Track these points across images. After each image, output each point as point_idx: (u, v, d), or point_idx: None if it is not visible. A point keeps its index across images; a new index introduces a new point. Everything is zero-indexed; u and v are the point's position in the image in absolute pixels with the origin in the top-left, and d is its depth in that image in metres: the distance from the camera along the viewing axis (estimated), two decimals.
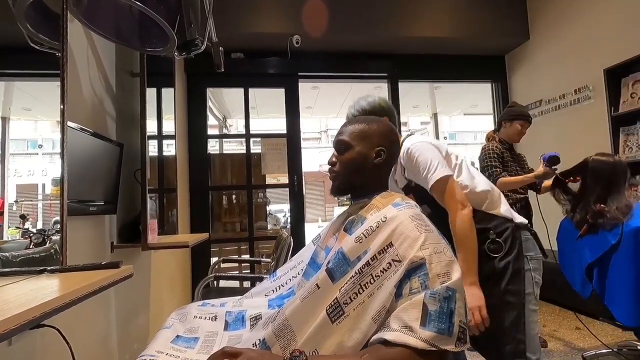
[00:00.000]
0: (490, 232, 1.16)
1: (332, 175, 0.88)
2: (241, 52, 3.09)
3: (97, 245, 1.48)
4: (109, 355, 1.52)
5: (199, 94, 3.09)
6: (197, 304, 0.98)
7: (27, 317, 0.57)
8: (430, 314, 0.60)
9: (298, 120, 3.21)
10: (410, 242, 0.67)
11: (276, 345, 0.69)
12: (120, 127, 1.73)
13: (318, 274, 0.73)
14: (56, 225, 3.36)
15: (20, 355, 1.02)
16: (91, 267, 0.94)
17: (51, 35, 1.36)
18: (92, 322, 1.40)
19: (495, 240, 1.15)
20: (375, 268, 0.67)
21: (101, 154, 1.43)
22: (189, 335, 0.84)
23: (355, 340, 0.64)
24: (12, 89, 1.58)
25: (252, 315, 0.88)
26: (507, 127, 2.25)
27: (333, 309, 0.67)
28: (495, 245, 1.15)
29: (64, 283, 0.80)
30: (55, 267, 0.92)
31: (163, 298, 2.24)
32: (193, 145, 3.02)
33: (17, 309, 0.56)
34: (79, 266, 0.94)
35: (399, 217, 0.71)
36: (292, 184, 3.13)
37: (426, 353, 0.58)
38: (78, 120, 1.32)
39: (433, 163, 1.14)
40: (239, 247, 3.36)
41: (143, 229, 1.58)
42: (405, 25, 3.04)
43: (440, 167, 1.13)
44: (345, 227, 0.84)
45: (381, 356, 0.59)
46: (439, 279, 0.63)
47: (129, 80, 1.87)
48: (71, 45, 1.34)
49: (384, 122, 0.90)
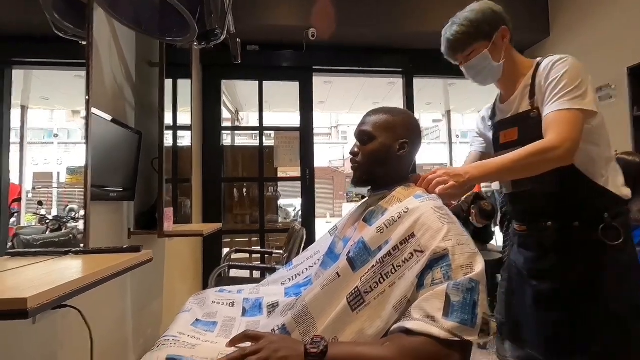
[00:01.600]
0: (605, 213, 0.89)
1: (354, 165, 0.88)
2: (256, 44, 3.10)
3: (116, 230, 1.51)
4: (124, 339, 1.56)
5: (213, 85, 3.10)
6: (214, 290, 1.00)
7: (57, 293, 0.58)
8: (453, 305, 0.60)
9: (311, 115, 3.21)
10: (433, 233, 0.67)
11: (296, 331, 0.70)
12: (138, 116, 1.75)
13: (338, 263, 0.73)
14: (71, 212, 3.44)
15: (42, 333, 1.05)
16: (113, 250, 0.96)
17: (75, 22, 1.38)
18: (110, 306, 1.43)
19: (612, 226, 0.88)
20: (397, 258, 0.67)
21: (121, 141, 1.45)
22: (207, 319, 0.85)
23: (376, 328, 0.65)
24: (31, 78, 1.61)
25: (269, 302, 0.89)
26: None
27: (354, 297, 0.67)
28: (613, 232, 0.88)
29: (88, 264, 0.82)
30: (79, 249, 0.95)
31: (175, 286, 2.28)
32: (207, 137, 3.04)
33: (47, 285, 0.58)
34: (102, 249, 0.96)
35: (421, 208, 0.71)
36: (304, 178, 3.14)
37: (449, 343, 0.58)
38: (100, 107, 1.34)
39: (583, 88, 0.87)
40: (249, 238, 3.39)
41: (159, 216, 1.60)
42: (422, 20, 3.00)
43: (590, 97, 0.87)
44: (364, 217, 0.84)
45: (403, 345, 0.59)
46: (462, 270, 0.63)
47: (147, 70, 1.89)
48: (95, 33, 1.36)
49: (408, 113, 0.90)
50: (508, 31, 1.00)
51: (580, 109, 0.86)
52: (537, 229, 0.99)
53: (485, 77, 1.03)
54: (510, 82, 1.03)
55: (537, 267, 0.97)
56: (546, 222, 0.95)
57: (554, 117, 0.87)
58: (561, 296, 0.92)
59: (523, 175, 0.96)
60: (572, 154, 0.85)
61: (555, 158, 0.84)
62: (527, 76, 0.99)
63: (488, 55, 0.98)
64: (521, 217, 1.05)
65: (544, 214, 0.97)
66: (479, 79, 1.05)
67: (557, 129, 0.85)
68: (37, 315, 0.53)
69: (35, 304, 0.53)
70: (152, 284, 1.89)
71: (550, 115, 0.88)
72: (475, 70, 1.02)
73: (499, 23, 0.99)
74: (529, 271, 0.99)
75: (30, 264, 0.80)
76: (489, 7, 1.00)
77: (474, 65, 1.01)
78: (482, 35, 0.98)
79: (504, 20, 1.01)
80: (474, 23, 0.98)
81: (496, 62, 0.99)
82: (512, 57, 1.02)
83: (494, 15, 0.99)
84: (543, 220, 0.96)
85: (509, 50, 1.01)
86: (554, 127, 0.86)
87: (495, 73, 1.01)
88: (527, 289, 0.99)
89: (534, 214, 1.00)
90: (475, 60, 1.00)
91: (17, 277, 0.68)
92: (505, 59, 1.00)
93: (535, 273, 0.97)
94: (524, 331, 1.01)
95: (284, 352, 0.61)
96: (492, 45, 0.98)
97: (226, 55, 2.54)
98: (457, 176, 0.84)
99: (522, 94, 1.00)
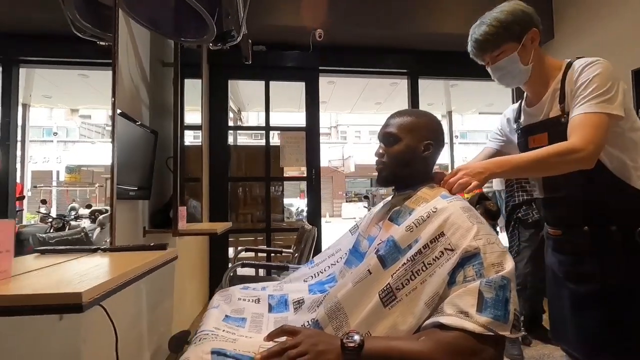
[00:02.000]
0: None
1: (380, 166, 0.90)
2: (263, 44, 3.11)
3: (132, 229, 1.53)
4: (139, 337, 1.58)
5: (220, 85, 3.12)
6: (238, 287, 1.02)
7: (106, 288, 0.60)
8: (486, 301, 0.62)
9: (317, 114, 3.23)
10: (463, 232, 0.69)
11: (329, 327, 0.72)
12: (152, 116, 1.77)
13: (368, 260, 0.75)
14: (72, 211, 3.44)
15: (67, 330, 1.07)
16: (140, 247, 0.98)
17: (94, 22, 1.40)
18: (127, 304, 1.45)
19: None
20: (427, 256, 0.69)
21: (139, 140, 1.47)
22: (236, 315, 0.87)
23: (409, 324, 0.67)
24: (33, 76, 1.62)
25: (295, 299, 0.91)
26: None
27: (385, 293, 0.69)
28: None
29: (123, 261, 0.84)
30: (107, 247, 0.96)
31: (185, 284, 2.29)
32: (213, 136, 3.06)
33: (95, 280, 0.60)
34: (129, 246, 0.98)
35: (449, 208, 0.73)
36: (309, 177, 3.16)
37: (483, 338, 0.60)
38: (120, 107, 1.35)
39: (613, 91, 0.87)
40: (255, 238, 3.41)
41: (174, 215, 1.62)
42: (428, 21, 3.02)
43: (619, 101, 0.87)
44: (390, 217, 0.86)
45: (438, 339, 0.62)
46: (493, 268, 0.65)
47: (161, 70, 1.90)
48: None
49: (431, 115, 0.92)
50: (538, 33, 0.98)
51: (606, 113, 0.85)
52: (573, 234, 0.99)
53: (512, 80, 1.02)
54: (538, 85, 1.01)
55: (574, 270, 0.97)
56: (582, 227, 0.95)
57: (580, 120, 0.87)
58: (601, 299, 0.92)
59: (542, 174, 0.98)
60: (594, 157, 0.85)
61: (576, 160, 0.84)
62: (556, 79, 0.97)
63: (517, 58, 0.97)
64: (556, 221, 1.05)
65: (579, 219, 0.96)
66: (505, 81, 1.03)
67: (582, 132, 0.85)
68: (89, 309, 0.55)
69: (88, 298, 0.55)
70: (164, 282, 1.91)
71: (576, 117, 0.88)
72: (502, 72, 1.01)
73: (529, 25, 0.97)
74: (566, 274, 1.00)
75: (64, 261, 0.82)
76: (520, 7, 0.98)
77: (501, 66, 0.99)
78: (511, 37, 0.96)
79: (535, 21, 0.98)
80: (503, 24, 0.96)
81: (524, 65, 0.98)
82: (541, 59, 1.00)
83: (525, 17, 0.97)
84: (579, 224, 0.96)
85: (538, 52, 0.99)
86: (578, 130, 0.86)
87: (523, 76, 1.00)
88: (564, 291, 1.00)
89: (570, 218, 0.99)
90: (504, 61, 0.98)
91: (59, 273, 0.69)
92: (533, 61, 0.98)
93: (573, 276, 0.98)
94: (561, 331, 1.03)
95: (322, 346, 0.63)
96: (521, 47, 0.96)
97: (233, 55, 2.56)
98: (477, 174, 0.86)
99: (551, 98, 0.98)
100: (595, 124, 0.85)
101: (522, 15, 0.97)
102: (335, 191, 18.87)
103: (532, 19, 0.98)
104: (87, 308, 0.54)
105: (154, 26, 1.51)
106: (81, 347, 1.12)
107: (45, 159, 3.15)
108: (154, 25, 1.51)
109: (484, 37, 0.98)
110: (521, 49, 0.97)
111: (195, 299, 2.60)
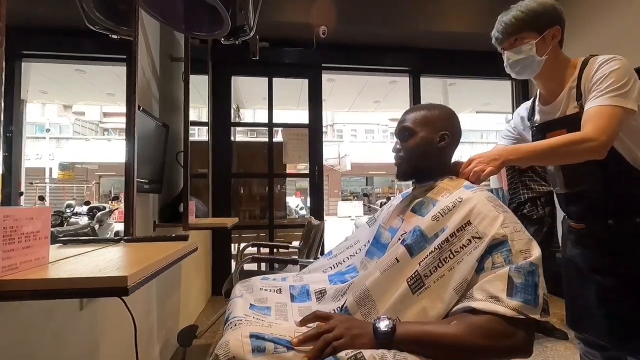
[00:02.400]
0: None
1: (398, 161, 0.92)
2: (266, 41, 3.11)
3: (143, 222, 1.53)
4: (150, 330, 1.58)
5: (224, 81, 3.11)
6: (258, 278, 1.03)
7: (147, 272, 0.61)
8: (516, 286, 0.64)
9: (320, 111, 3.24)
10: (490, 220, 0.71)
11: (357, 313, 0.74)
12: (161, 110, 1.77)
13: (395, 249, 0.77)
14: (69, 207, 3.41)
15: (87, 319, 1.07)
16: (162, 238, 0.98)
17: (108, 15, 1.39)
18: (139, 297, 1.45)
19: None
20: (455, 244, 0.71)
21: (152, 133, 1.47)
22: (260, 304, 0.88)
23: (438, 310, 0.69)
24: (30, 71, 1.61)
25: (317, 289, 0.92)
26: None
27: (414, 280, 0.71)
28: None
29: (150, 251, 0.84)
30: (130, 237, 0.97)
31: (191, 280, 2.30)
32: (217, 133, 3.05)
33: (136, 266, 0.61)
34: (152, 237, 0.98)
35: (474, 198, 0.75)
36: (312, 174, 3.17)
37: (514, 321, 0.62)
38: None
39: (629, 86, 0.89)
40: (257, 234, 3.42)
41: (185, 209, 1.62)
42: (431, 19, 3.05)
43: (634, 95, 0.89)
44: (412, 208, 0.87)
45: (470, 323, 0.63)
46: (521, 254, 0.67)
47: (169, 65, 1.90)
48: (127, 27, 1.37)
49: (445, 106, 0.93)
50: (560, 32, 1.00)
51: (621, 106, 0.87)
52: (596, 227, 1.00)
53: (524, 68, 1.03)
54: (552, 82, 1.03)
55: (600, 263, 0.99)
56: (606, 221, 0.97)
57: (594, 111, 0.89)
58: (629, 289, 0.93)
59: (555, 162, 1.02)
60: (606, 147, 0.87)
61: (589, 149, 0.86)
62: (572, 77, 0.99)
63: (533, 46, 0.98)
64: (579, 215, 1.06)
65: (603, 212, 0.98)
66: (517, 69, 1.04)
67: (595, 123, 0.87)
68: (134, 291, 0.56)
69: (133, 282, 0.56)
70: (171, 276, 1.91)
71: (590, 109, 0.90)
72: (516, 58, 1.02)
73: (555, 21, 0.99)
74: (591, 267, 1.01)
75: (91, 250, 0.82)
76: (552, 3, 1.00)
77: (517, 51, 1.01)
78: (535, 26, 0.99)
79: (561, 20, 1.00)
80: (532, 12, 0.98)
81: (538, 56, 0.99)
82: (558, 58, 1.02)
83: (553, 12, 0.99)
84: (602, 218, 0.98)
85: (556, 50, 1.01)
86: (592, 121, 0.88)
87: (535, 67, 1.01)
88: (588, 283, 1.01)
89: (594, 212, 1.01)
90: (520, 48, 1.00)
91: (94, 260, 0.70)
92: (548, 56, 0.99)
93: (598, 268, 0.99)
94: (584, 321, 1.05)
95: (356, 330, 0.65)
96: (541, 39, 0.98)
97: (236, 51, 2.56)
98: (492, 161, 0.88)
99: (568, 95, 1.00)
100: (609, 116, 0.87)
101: (552, 10, 0.99)
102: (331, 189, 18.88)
103: (560, 17, 1.00)
104: (132, 291, 0.55)
105: (167, 20, 1.51)
106: (99, 339, 1.12)
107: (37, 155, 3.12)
108: (166, 19, 1.51)
109: (510, 21, 1.00)
110: (540, 40, 0.99)
111: (200, 295, 2.61)
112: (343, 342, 0.63)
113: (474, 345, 0.62)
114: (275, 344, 0.61)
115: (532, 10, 0.99)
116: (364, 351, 0.61)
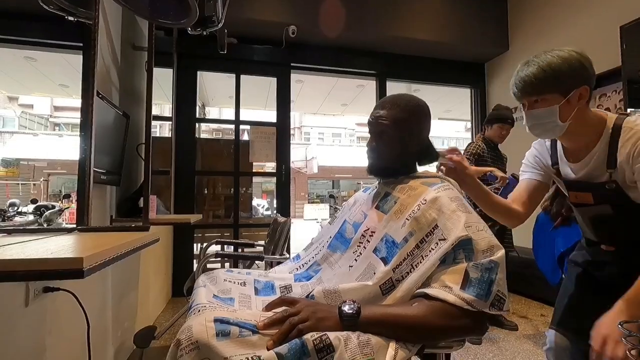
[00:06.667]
0: None
1: (371, 158, 0.93)
2: (236, 37, 3.07)
3: (99, 215, 1.45)
4: (104, 330, 1.49)
5: (189, 75, 3.03)
6: (223, 270, 1.01)
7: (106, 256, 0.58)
8: (470, 280, 0.67)
9: (288, 111, 3.24)
10: (454, 221, 0.73)
11: (323, 302, 0.74)
12: (122, 100, 1.69)
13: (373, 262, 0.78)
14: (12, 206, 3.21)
15: (34, 316, 1.00)
16: (121, 228, 0.94)
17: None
18: (93, 294, 1.37)
19: None
20: (425, 250, 0.74)
21: (111, 122, 1.40)
22: (223, 295, 0.86)
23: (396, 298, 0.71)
24: None
25: (282, 285, 0.91)
26: (489, 129, 2.41)
27: (387, 286, 0.73)
28: None
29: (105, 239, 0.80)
30: (85, 227, 0.92)
31: (150, 279, 2.20)
32: (181, 128, 2.96)
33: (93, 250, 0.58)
34: (109, 227, 0.94)
35: (439, 199, 0.78)
36: (279, 173, 3.16)
37: (463, 312, 0.66)
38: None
39: None
40: (222, 233, 3.34)
41: (145, 204, 1.56)
42: (398, 25, 3.15)
43: None
44: (376, 205, 0.90)
45: (429, 304, 0.67)
46: (483, 254, 0.70)
47: (132, 53, 1.82)
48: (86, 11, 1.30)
49: (419, 103, 0.93)
50: (588, 91, 0.87)
51: None
52: (628, 249, 0.97)
53: (544, 132, 0.94)
54: (576, 141, 0.95)
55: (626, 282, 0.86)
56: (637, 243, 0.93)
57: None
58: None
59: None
60: None
61: None
62: (603, 141, 0.89)
63: (556, 112, 0.87)
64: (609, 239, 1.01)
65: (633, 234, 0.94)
66: (536, 131, 0.94)
67: None
68: (90, 275, 0.53)
69: (89, 264, 0.53)
70: (129, 275, 1.82)
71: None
72: (536, 121, 0.91)
73: (583, 81, 0.86)
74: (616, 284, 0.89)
75: (41, 238, 0.77)
76: (578, 58, 0.86)
77: (537, 115, 0.90)
78: (558, 88, 0.86)
79: (589, 78, 0.87)
80: (555, 71, 0.85)
81: (561, 122, 0.88)
82: (584, 117, 0.90)
83: (581, 70, 0.86)
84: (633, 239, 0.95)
85: (582, 110, 0.89)
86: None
87: (556, 131, 0.92)
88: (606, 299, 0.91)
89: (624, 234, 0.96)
90: (541, 111, 0.89)
91: (44, 246, 0.65)
92: (574, 119, 0.88)
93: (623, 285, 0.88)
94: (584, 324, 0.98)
95: (321, 313, 0.66)
96: (565, 101, 0.86)
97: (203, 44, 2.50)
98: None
99: (596, 160, 0.91)
100: None
101: (578, 68, 0.85)
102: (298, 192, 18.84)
103: (588, 75, 0.87)
104: (87, 274, 0.53)
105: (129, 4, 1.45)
106: (46, 338, 1.05)
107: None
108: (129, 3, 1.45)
109: (529, 79, 0.88)
110: (564, 103, 0.87)
111: (159, 295, 2.50)
112: (309, 325, 0.63)
113: (432, 325, 0.66)
114: (241, 328, 0.60)
115: (556, 69, 0.85)
116: (329, 333, 0.62)
